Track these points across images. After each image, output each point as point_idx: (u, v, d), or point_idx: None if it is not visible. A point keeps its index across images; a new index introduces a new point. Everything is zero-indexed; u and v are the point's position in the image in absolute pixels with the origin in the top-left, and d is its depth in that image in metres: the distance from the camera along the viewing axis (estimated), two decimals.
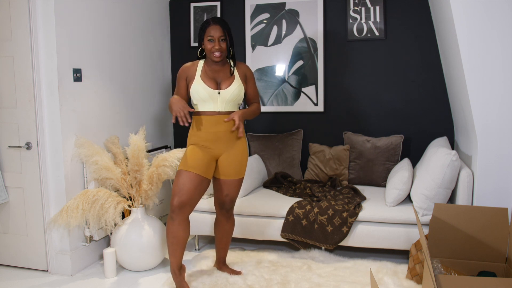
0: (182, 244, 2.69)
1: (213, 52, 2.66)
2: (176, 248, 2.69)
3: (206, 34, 2.67)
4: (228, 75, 2.77)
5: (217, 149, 2.76)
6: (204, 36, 2.68)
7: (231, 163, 2.78)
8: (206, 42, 2.68)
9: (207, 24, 2.67)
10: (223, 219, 2.93)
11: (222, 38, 2.66)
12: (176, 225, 2.64)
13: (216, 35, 2.65)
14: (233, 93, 2.73)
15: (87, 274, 3.14)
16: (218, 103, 2.71)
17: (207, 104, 2.71)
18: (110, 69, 3.50)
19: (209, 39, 2.66)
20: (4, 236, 3.24)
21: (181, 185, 2.64)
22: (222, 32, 2.66)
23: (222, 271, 3.02)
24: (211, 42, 2.66)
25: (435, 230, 2.56)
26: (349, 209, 3.11)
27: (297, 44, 4.05)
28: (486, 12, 2.58)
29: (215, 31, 2.65)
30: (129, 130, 3.67)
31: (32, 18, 2.95)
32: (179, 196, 2.63)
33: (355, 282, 2.85)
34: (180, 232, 2.66)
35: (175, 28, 4.37)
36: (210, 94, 2.69)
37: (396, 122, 3.88)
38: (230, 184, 2.82)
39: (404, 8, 3.78)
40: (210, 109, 2.72)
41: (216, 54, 2.67)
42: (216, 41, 2.65)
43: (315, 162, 3.89)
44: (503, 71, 2.63)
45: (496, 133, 2.71)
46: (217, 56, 2.67)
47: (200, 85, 2.69)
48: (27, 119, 3.07)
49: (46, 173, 3.08)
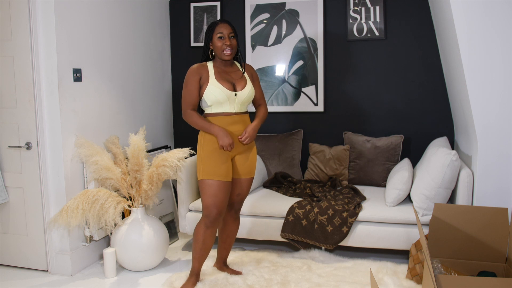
0: (209, 250, 2.78)
1: (224, 49, 2.64)
2: (204, 254, 2.76)
3: (215, 32, 2.66)
4: (239, 75, 2.76)
5: (233, 150, 2.74)
6: (214, 35, 2.66)
7: (245, 162, 2.80)
8: (215, 40, 2.66)
9: (215, 24, 2.68)
10: (230, 219, 2.93)
11: (232, 35, 2.66)
12: (210, 233, 2.71)
13: (226, 31, 2.64)
14: (248, 94, 2.73)
15: (87, 274, 3.14)
16: (234, 104, 2.70)
17: (224, 105, 2.68)
18: (110, 69, 3.50)
19: (219, 36, 2.64)
20: (4, 236, 3.24)
21: (215, 195, 2.66)
22: (231, 29, 2.67)
23: (222, 271, 3.02)
24: (221, 39, 2.64)
25: (435, 230, 2.56)
26: (349, 209, 3.11)
27: (297, 44, 4.05)
28: (486, 12, 2.57)
29: (225, 28, 2.65)
30: (129, 130, 3.67)
31: (32, 18, 2.95)
32: (217, 207, 2.66)
33: (355, 282, 2.85)
34: (213, 239, 2.75)
35: (175, 28, 4.37)
36: (228, 95, 2.66)
37: (396, 122, 3.88)
38: (243, 183, 2.83)
39: (404, 8, 3.78)
40: (225, 111, 2.69)
41: (227, 51, 2.64)
42: (226, 37, 2.64)
43: (315, 162, 3.89)
44: (503, 71, 2.63)
45: (496, 133, 2.71)
46: (228, 54, 2.65)
47: (217, 87, 2.65)
48: (27, 119, 3.07)
49: (46, 173, 3.08)
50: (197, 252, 2.74)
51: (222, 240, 2.99)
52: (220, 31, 2.64)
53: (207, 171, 2.66)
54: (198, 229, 2.72)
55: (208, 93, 2.65)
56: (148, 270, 3.16)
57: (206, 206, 2.68)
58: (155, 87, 4.14)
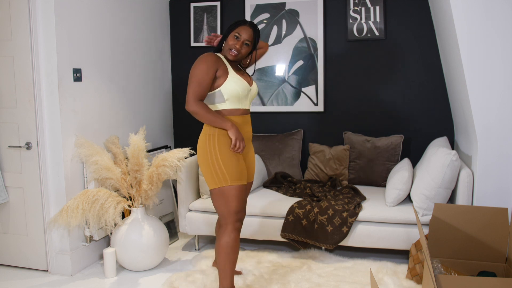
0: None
1: (232, 49, 2.52)
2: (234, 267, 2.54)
3: (235, 30, 2.53)
4: (241, 71, 2.68)
5: (244, 150, 2.62)
6: (233, 31, 2.54)
7: (251, 164, 2.71)
8: (231, 36, 2.54)
9: (241, 23, 2.55)
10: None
11: (247, 42, 2.54)
12: (238, 240, 2.52)
13: (244, 36, 2.52)
14: (257, 90, 2.68)
15: (87, 274, 3.14)
16: (247, 101, 2.60)
17: (240, 101, 2.55)
18: (110, 69, 3.50)
19: (236, 36, 2.52)
20: (4, 236, 3.24)
21: (242, 199, 2.50)
22: (251, 37, 2.54)
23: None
24: (236, 39, 2.52)
25: (435, 230, 2.56)
26: (349, 209, 3.11)
27: (297, 44, 4.05)
28: (486, 12, 2.57)
29: (245, 32, 2.52)
30: (129, 130, 3.67)
31: (32, 18, 2.95)
32: (242, 212, 2.52)
33: (355, 282, 2.85)
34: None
35: (175, 28, 4.37)
36: (246, 90, 2.55)
37: (396, 122, 3.88)
38: (248, 186, 2.73)
39: (404, 8, 3.78)
40: (241, 107, 2.56)
41: (233, 52, 2.52)
42: (241, 41, 2.52)
43: (315, 162, 3.89)
44: (503, 71, 2.63)
45: (496, 133, 2.71)
46: (233, 55, 2.52)
47: (239, 80, 2.52)
48: (27, 119, 3.07)
49: (46, 173, 3.08)
50: (230, 266, 2.49)
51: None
52: (239, 32, 2.52)
53: (232, 176, 2.46)
54: (228, 239, 2.47)
55: (229, 86, 2.48)
56: (148, 270, 3.16)
57: (236, 211, 2.48)
58: (155, 87, 4.14)
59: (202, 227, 3.40)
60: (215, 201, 2.53)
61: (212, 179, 2.49)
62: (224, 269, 2.50)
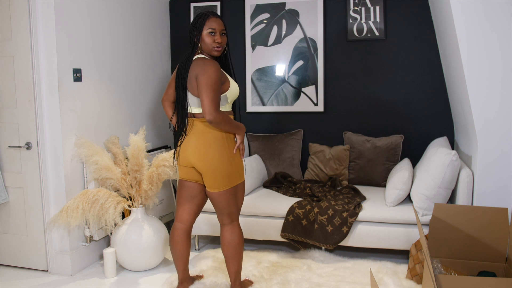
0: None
1: (215, 46, 2.45)
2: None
3: (206, 27, 2.43)
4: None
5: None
6: (204, 29, 2.44)
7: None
8: (205, 35, 2.44)
9: (206, 16, 2.45)
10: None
11: (224, 32, 2.48)
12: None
13: (218, 27, 2.45)
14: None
15: (87, 274, 3.14)
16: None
17: (235, 103, 2.65)
18: (110, 69, 3.50)
19: (210, 31, 2.43)
20: (4, 236, 3.24)
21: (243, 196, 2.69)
22: (223, 25, 2.49)
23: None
24: (212, 35, 2.44)
25: (435, 230, 2.56)
26: (349, 209, 3.11)
27: (297, 44, 4.05)
28: (486, 12, 2.58)
29: (217, 23, 2.45)
30: (129, 130, 3.68)
31: (32, 18, 2.95)
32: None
33: (355, 282, 2.85)
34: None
35: (175, 28, 4.37)
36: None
37: (396, 122, 3.88)
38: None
39: (404, 8, 3.78)
40: (230, 109, 2.59)
41: (217, 48, 2.46)
42: (218, 34, 2.45)
43: (315, 162, 3.89)
44: (503, 71, 2.63)
45: (496, 133, 2.71)
46: (218, 50, 2.46)
47: (235, 83, 2.56)
48: (27, 119, 3.07)
49: (46, 173, 3.08)
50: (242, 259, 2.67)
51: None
52: (212, 27, 2.43)
53: (242, 173, 2.62)
54: (240, 232, 2.61)
55: (233, 90, 2.50)
56: (148, 270, 3.16)
57: (241, 205, 2.70)
58: (155, 87, 4.14)
59: (202, 227, 3.40)
60: (226, 201, 2.52)
61: (228, 178, 2.49)
62: (241, 263, 2.64)
